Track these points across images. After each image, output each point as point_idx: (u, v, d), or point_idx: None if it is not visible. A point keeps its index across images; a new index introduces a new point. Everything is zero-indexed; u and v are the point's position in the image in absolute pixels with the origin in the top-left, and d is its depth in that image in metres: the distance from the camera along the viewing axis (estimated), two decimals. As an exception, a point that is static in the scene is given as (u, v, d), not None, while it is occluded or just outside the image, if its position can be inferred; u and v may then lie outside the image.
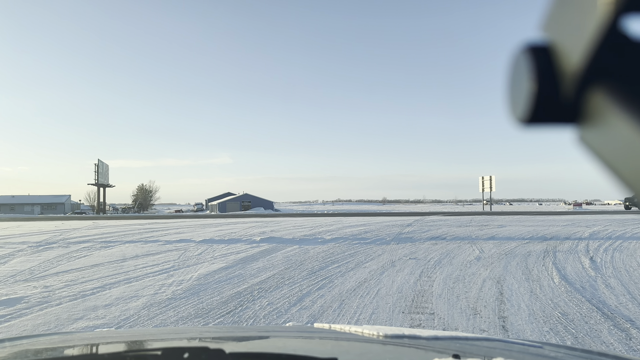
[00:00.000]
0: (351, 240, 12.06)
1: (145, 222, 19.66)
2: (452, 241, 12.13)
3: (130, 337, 1.49)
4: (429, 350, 1.15)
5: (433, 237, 12.82)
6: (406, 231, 14.44)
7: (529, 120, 0.28)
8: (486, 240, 12.43)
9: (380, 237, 12.80)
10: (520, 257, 9.54)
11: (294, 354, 1.12)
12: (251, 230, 14.53)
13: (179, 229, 15.53)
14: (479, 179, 69.35)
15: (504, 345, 1.31)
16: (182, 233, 13.64)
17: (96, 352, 1.19)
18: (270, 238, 11.96)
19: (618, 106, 0.24)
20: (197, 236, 12.67)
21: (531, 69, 0.28)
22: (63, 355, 1.16)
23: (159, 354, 1.06)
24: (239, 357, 1.08)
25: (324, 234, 13.63)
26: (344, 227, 15.95)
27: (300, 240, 11.95)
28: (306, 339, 1.42)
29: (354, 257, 9.38)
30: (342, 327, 1.43)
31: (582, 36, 0.25)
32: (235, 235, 12.88)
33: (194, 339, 1.41)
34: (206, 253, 9.68)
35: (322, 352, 1.18)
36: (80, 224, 19.54)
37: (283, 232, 13.90)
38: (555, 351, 1.29)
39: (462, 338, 1.34)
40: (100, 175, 60.51)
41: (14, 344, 1.23)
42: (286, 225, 16.92)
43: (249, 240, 11.64)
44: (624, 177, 0.24)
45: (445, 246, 11.10)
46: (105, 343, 1.29)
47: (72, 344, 1.32)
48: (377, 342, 1.24)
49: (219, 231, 14.22)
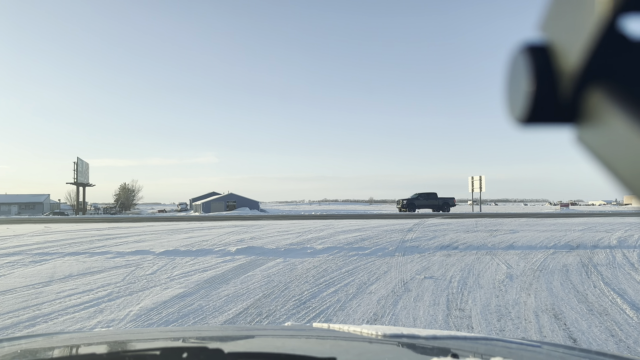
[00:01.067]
0: (347, 250, 10.01)
1: (105, 227, 17.26)
2: (467, 251, 10.18)
3: (129, 337, 1.48)
4: (428, 350, 1.16)
5: (443, 246, 10.85)
6: (409, 238, 12.45)
7: (527, 120, 0.28)
8: (505, 250, 10.52)
9: (381, 245, 10.79)
10: (560, 275, 7.63)
11: (293, 353, 1.11)
12: (228, 237, 12.36)
13: (142, 235, 13.25)
14: (469, 179, 67.78)
15: (503, 344, 1.30)
16: (142, 242, 11.42)
17: (95, 352, 1.19)
18: (249, 248, 9.84)
19: (616, 106, 0.24)
20: (159, 246, 10.47)
21: (529, 69, 0.28)
22: (62, 355, 1.15)
23: (158, 354, 1.02)
24: (237, 356, 1.06)
25: (314, 241, 11.56)
26: (336, 233, 13.90)
27: (286, 250, 9.86)
28: (305, 338, 1.41)
29: (353, 275, 7.34)
30: (340, 326, 1.43)
31: (580, 36, 0.25)
32: (207, 244, 10.72)
33: (193, 338, 1.41)
34: (162, 272, 7.52)
35: (321, 352, 1.19)
36: (31, 228, 17.08)
37: (265, 240, 11.79)
38: (553, 350, 1.29)
39: (460, 337, 1.34)
40: (79, 174, 57.88)
41: (12, 344, 1.23)
42: (270, 230, 14.76)
43: (222, 252, 9.50)
44: (621, 177, 0.24)
45: (462, 259, 9.14)
46: (104, 343, 1.30)
47: (70, 344, 1.31)
48: (376, 342, 1.24)
49: (188, 239, 12.03)
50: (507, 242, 11.84)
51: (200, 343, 1.32)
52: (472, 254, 9.82)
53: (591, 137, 0.26)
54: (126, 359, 1.07)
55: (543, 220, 20.65)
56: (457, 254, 9.67)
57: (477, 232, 14.22)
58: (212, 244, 10.80)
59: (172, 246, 10.29)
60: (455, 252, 9.95)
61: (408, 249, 10.33)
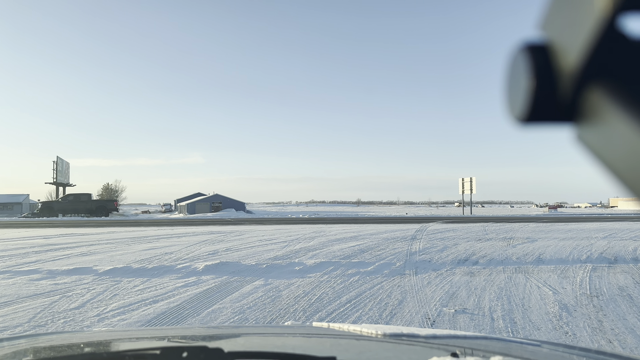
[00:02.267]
0: (344, 266, 8.05)
1: (59, 233, 14.89)
2: (491, 267, 8.30)
3: (129, 336, 1.47)
4: (428, 349, 1.16)
5: (460, 260, 8.96)
6: (416, 249, 10.54)
7: (526, 119, 0.28)
8: (535, 264, 8.67)
9: (386, 259, 8.86)
10: (625, 304, 5.82)
11: (293, 352, 1.10)
12: (199, 249, 10.27)
13: (95, 245, 11.03)
14: (459, 180, 66.57)
15: (502, 343, 1.29)
16: (90, 254, 9.27)
17: (95, 351, 1.19)
18: (221, 265, 7.81)
19: (616, 105, 0.24)
20: (108, 261, 8.36)
21: (529, 68, 0.28)
22: (62, 354, 1.14)
23: (158, 353, 1.00)
24: (237, 355, 1.04)
25: (304, 254, 9.58)
26: (329, 242, 11.92)
27: (269, 267, 7.85)
28: (305, 337, 1.40)
29: (358, 309, 5.38)
30: (340, 326, 1.42)
31: (580, 35, 0.25)
32: (170, 259, 8.64)
33: (193, 338, 1.40)
34: (95, 304, 5.45)
35: (321, 351, 1.19)
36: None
37: (244, 252, 9.75)
38: (553, 349, 1.27)
39: (460, 337, 1.34)
40: (59, 174, 54.99)
41: (12, 344, 1.22)
42: (251, 239, 12.68)
43: (186, 270, 7.45)
44: (621, 176, 0.24)
45: (490, 278, 7.25)
46: (104, 342, 1.30)
47: (70, 343, 1.30)
48: (375, 341, 1.23)
49: (149, 250, 9.91)
50: (532, 254, 10.01)
51: (200, 342, 1.31)
52: (498, 271, 7.95)
53: (591, 136, 0.26)
54: (126, 359, 1.04)
55: (554, 226, 18.94)
56: (481, 272, 7.78)
57: (491, 241, 12.38)
58: (177, 257, 8.73)
59: (125, 261, 8.20)
60: (478, 269, 8.06)
61: (419, 264, 8.42)
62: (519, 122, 0.29)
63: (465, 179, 65.58)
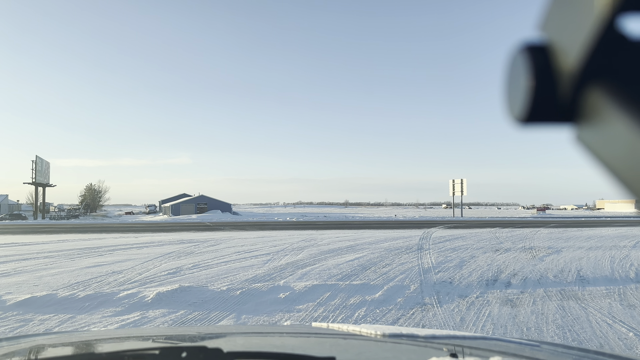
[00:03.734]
0: (345, 292, 6.18)
1: None
2: (529, 290, 6.50)
3: (129, 336, 1.44)
4: (427, 349, 1.15)
5: (487, 281, 7.15)
6: (428, 264, 8.70)
7: (526, 120, 0.28)
8: (580, 285, 6.91)
9: (394, 279, 7.02)
10: None
11: (292, 352, 1.08)
12: (158, 265, 8.26)
13: (30, 259, 8.87)
14: (449, 182, 65.21)
15: (501, 344, 1.28)
16: (14, 274, 7.20)
17: (94, 351, 1.18)
18: (181, 291, 5.86)
19: (615, 105, 0.24)
20: (33, 282, 6.35)
21: (528, 68, 0.28)
22: (61, 354, 1.14)
23: (157, 353, 0.99)
24: (236, 356, 1.02)
25: (291, 272, 7.68)
26: (322, 254, 10.01)
27: (244, 294, 5.94)
28: (304, 337, 1.39)
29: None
30: (340, 326, 1.40)
31: (580, 35, 0.25)
32: (115, 281, 6.66)
33: (192, 338, 1.39)
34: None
35: (320, 351, 1.17)
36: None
37: (215, 270, 7.80)
38: (552, 350, 1.27)
39: (459, 337, 1.32)
40: (38, 173, 52.45)
41: (11, 344, 1.22)
42: (227, 250, 10.63)
43: (130, 299, 5.48)
44: (621, 177, 0.24)
45: (537, 309, 5.45)
46: (104, 342, 1.28)
47: (70, 343, 1.29)
48: (375, 341, 1.22)
49: (95, 267, 7.88)
50: (567, 269, 8.26)
51: (200, 342, 1.30)
52: (541, 296, 6.15)
53: (590, 137, 0.26)
54: (126, 359, 1.01)
55: (567, 232, 17.32)
56: (521, 299, 5.97)
57: (510, 252, 10.61)
58: (125, 279, 6.75)
59: (54, 285, 6.22)
60: (516, 294, 6.25)
61: (439, 287, 6.58)
62: (519, 123, 0.29)
63: (456, 181, 64.27)
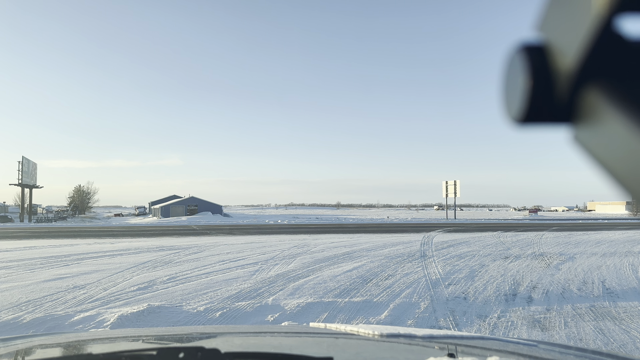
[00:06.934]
0: (345, 312, 5.27)
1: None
2: (556, 308, 5.64)
3: (126, 336, 1.43)
4: (425, 349, 1.15)
5: (506, 296, 6.27)
6: (435, 275, 7.81)
7: (523, 120, 0.28)
8: (610, 300, 6.08)
9: (400, 295, 6.12)
10: None
11: (290, 353, 1.08)
12: (130, 277, 7.25)
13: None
14: (443, 183, 64.52)
15: (499, 344, 1.27)
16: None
17: (91, 351, 1.16)
18: (148, 313, 4.89)
19: (613, 106, 0.24)
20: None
21: (526, 69, 0.28)
22: (58, 355, 1.13)
23: (154, 354, 0.99)
24: (234, 356, 1.02)
25: (282, 285, 6.74)
26: (316, 263, 9.09)
27: (224, 316, 4.99)
28: (302, 338, 1.39)
29: None
30: (338, 326, 1.40)
31: (577, 36, 0.25)
32: (73, 300, 5.66)
33: (190, 338, 1.38)
34: None
35: (318, 351, 1.16)
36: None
37: (194, 284, 6.82)
38: (549, 350, 1.26)
39: (457, 337, 1.34)
40: (24, 175, 50.80)
41: (7, 345, 1.21)
42: (211, 259, 9.61)
43: (85, 323, 4.51)
44: (618, 177, 0.24)
45: (572, 333, 4.59)
46: (101, 343, 1.28)
47: (67, 344, 1.28)
48: (373, 341, 1.22)
49: (55, 280, 6.88)
50: (589, 281, 7.41)
51: (197, 342, 1.30)
52: (571, 315, 5.29)
53: (587, 137, 0.26)
54: (123, 359, 1.01)
55: (574, 236, 16.51)
56: (550, 319, 5.09)
57: (521, 260, 9.75)
58: (86, 297, 5.76)
59: (1, 304, 5.23)
60: (542, 313, 5.37)
61: (453, 305, 5.68)
62: (516, 123, 0.29)
63: (450, 182, 63.63)
